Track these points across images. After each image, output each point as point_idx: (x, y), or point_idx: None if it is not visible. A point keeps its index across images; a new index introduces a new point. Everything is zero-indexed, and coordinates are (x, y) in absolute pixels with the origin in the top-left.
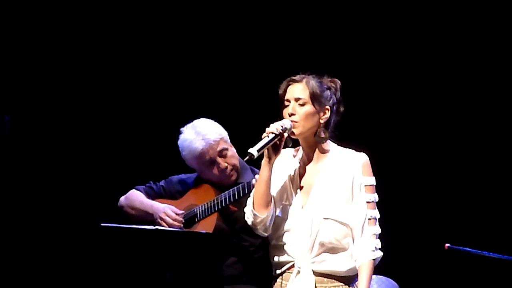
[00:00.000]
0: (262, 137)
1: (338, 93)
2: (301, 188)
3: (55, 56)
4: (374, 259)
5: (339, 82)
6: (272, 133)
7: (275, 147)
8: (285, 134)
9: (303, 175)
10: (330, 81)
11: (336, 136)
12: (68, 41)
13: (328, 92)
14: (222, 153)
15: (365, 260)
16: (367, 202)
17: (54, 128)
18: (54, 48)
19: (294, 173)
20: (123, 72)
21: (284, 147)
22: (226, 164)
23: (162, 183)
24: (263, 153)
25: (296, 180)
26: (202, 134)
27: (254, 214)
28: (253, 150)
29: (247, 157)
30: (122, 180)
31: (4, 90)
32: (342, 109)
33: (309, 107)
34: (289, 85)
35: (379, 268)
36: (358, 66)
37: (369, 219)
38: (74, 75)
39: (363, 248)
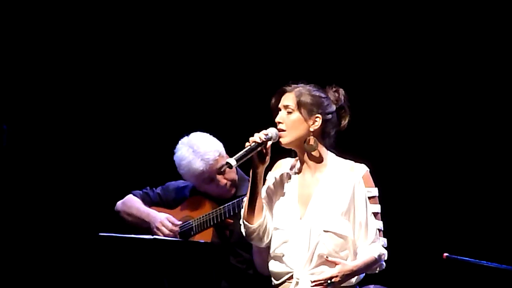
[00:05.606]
0: (245, 146)
1: (341, 103)
2: (299, 198)
3: (51, 67)
4: (376, 258)
5: (343, 91)
6: (255, 142)
7: (261, 156)
8: (269, 143)
9: (301, 185)
10: (334, 91)
11: (332, 145)
12: (63, 50)
13: (322, 100)
14: (221, 170)
15: (367, 254)
16: (374, 213)
17: (51, 136)
18: (50, 58)
19: (292, 183)
20: (119, 79)
21: (285, 158)
22: (225, 181)
23: (158, 190)
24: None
25: (294, 191)
26: (200, 153)
27: (245, 224)
28: (231, 160)
29: (226, 166)
30: (119, 188)
31: (1, 99)
32: (345, 119)
33: (296, 115)
34: (281, 95)
35: (377, 278)
36: (355, 73)
37: (378, 229)
38: (70, 83)
39: (369, 247)
